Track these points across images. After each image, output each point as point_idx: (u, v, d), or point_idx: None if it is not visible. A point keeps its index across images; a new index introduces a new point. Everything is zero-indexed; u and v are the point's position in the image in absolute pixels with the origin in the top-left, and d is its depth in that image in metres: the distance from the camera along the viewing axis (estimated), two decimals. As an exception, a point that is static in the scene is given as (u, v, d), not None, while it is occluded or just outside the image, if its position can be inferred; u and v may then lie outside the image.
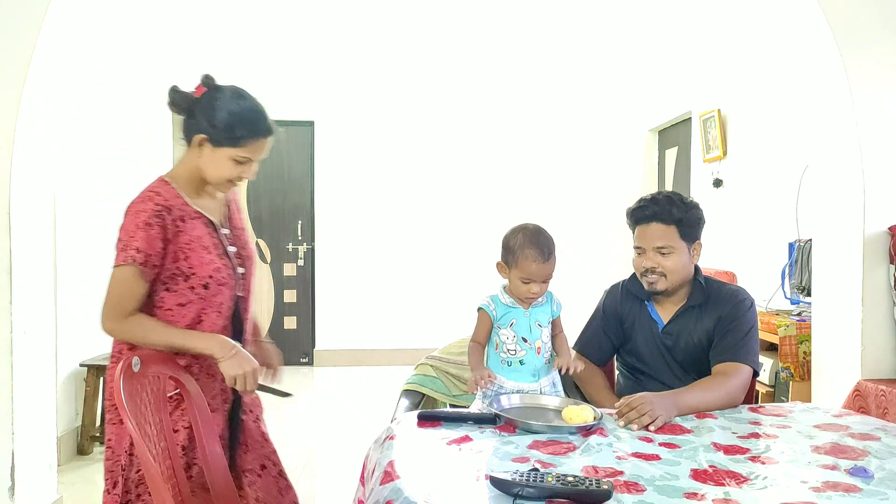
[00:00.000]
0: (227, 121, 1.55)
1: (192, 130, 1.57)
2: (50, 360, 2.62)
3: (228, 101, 1.57)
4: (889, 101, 2.50)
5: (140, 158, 4.27)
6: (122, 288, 1.53)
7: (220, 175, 1.59)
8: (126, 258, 1.51)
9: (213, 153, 1.56)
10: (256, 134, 1.59)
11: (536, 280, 1.74)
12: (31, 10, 2.28)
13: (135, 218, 1.51)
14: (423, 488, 1.17)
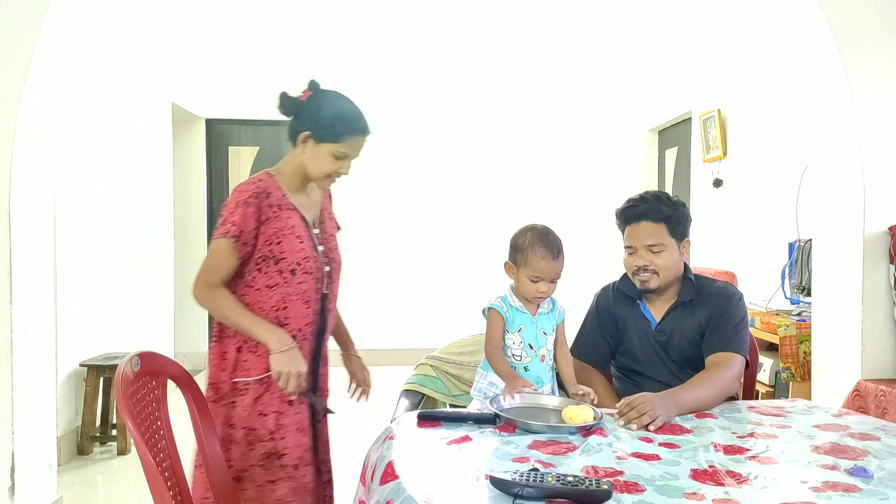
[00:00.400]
0: (329, 119, 1.69)
1: (298, 129, 1.71)
2: (50, 360, 2.62)
3: (331, 102, 1.72)
4: (889, 101, 2.50)
5: (140, 158, 4.28)
6: (215, 259, 1.66)
7: (321, 169, 1.70)
8: (223, 232, 1.63)
9: (315, 149, 1.69)
10: (354, 131, 1.71)
11: (545, 278, 1.74)
12: (31, 10, 2.28)
13: (237, 197, 1.65)
14: (424, 488, 1.17)
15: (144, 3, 4.36)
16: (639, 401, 1.56)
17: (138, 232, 4.22)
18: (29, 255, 2.44)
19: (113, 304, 3.85)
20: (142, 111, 4.33)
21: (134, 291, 4.14)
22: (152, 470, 1.30)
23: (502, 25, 5.77)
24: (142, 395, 1.46)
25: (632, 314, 1.97)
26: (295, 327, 1.68)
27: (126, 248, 4.04)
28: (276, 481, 1.66)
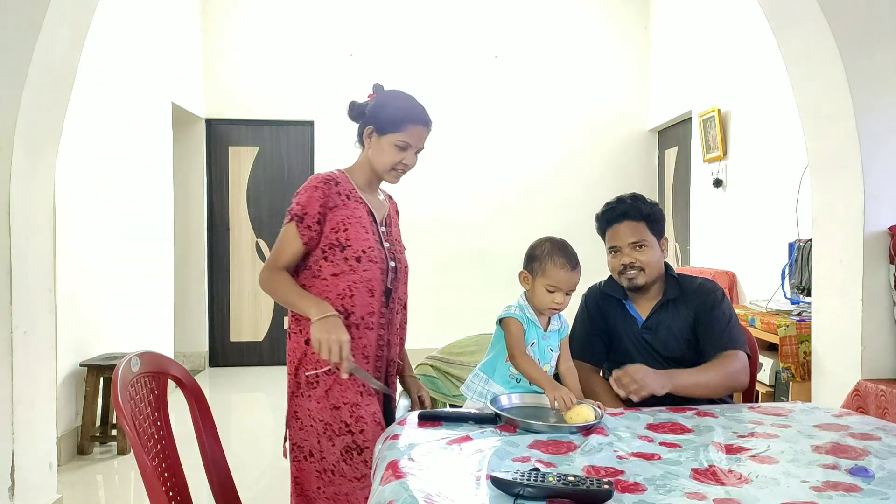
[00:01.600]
0: (390, 112, 1.77)
1: (363, 127, 1.82)
2: (50, 360, 2.62)
3: (392, 98, 1.81)
4: (889, 101, 2.50)
5: (140, 158, 4.28)
6: (282, 243, 1.72)
7: (385, 161, 1.78)
8: (289, 217, 1.71)
9: (378, 141, 1.77)
10: (414, 120, 1.77)
11: (562, 289, 1.73)
12: (31, 9, 2.28)
13: (308, 183, 1.73)
14: (424, 488, 1.17)
15: (145, 4, 4.35)
16: (633, 369, 1.68)
17: (138, 232, 4.22)
18: (29, 255, 2.44)
19: (113, 304, 3.85)
20: (142, 111, 4.33)
21: (134, 291, 4.14)
22: (148, 472, 1.30)
23: (502, 27, 5.77)
24: (141, 396, 1.46)
25: (619, 314, 2.01)
26: (359, 315, 1.72)
27: (126, 248, 4.04)
28: (362, 478, 1.67)
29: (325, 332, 1.58)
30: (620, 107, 5.84)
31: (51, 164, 2.62)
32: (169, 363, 1.59)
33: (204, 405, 1.61)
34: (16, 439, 2.35)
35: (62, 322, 3.21)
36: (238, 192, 5.74)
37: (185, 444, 1.63)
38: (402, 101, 1.81)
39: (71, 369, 3.40)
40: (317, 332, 1.59)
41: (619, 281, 1.99)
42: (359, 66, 5.68)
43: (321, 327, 1.59)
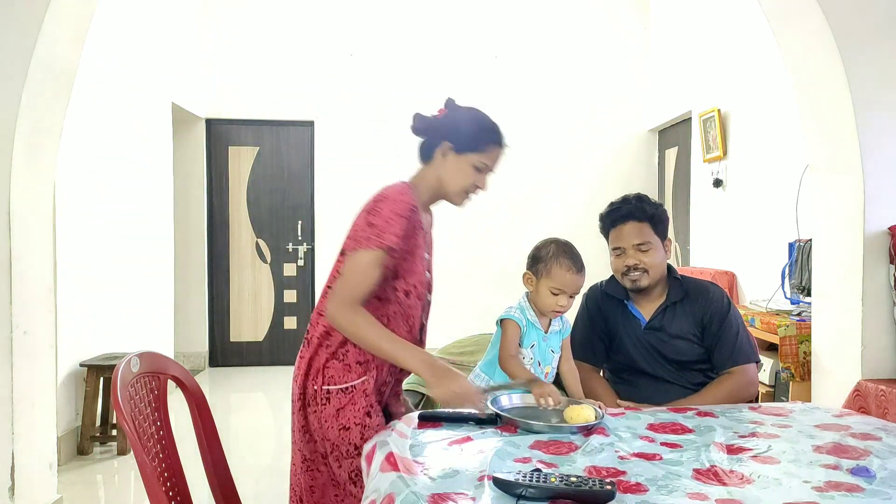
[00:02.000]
0: (471, 129, 1.65)
1: (435, 144, 1.66)
2: (50, 360, 2.62)
3: (469, 115, 1.69)
4: (889, 101, 2.50)
5: (140, 158, 4.28)
6: (362, 273, 1.51)
7: (461, 183, 1.67)
8: (377, 243, 1.50)
9: (457, 160, 1.65)
10: (497, 141, 1.67)
11: (566, 291, 1.73)
12: (31, 9, 2.27)
13: (394, 207, 1.53)
14: (425, 489, 1.16)
15: (145, 4, 4.35)
16: None
17: (138, 232, 4.21)
18: (29, 255, 2.44)
19: (113, 304, 3.85)
20: (142, 111, 4.32)
21: (134, 291, 4.13)
22: (148, 472, 1.30)
23: (502, 26, 5.77)
24: (141, 396, 1.45)
25: (621, 314, 2.00)
26: None
27: (126, 248, 4.03)
28: None
29: (449, 391, 1.45)
30: (620, 107, 5.84)
31: (51, 164, 2.61)
32: (169, 363, 1.58)
33: (204, 405, 1.61)
34: (16, 439, 2.35)
35: (62, 322, 3.21)
36: (238, 192, 5.73)
37: (186, 444, 1.63)
38: (484, 119, 1.70)
39: (71, 369, 3.39)
40: (440, 392, 1.45)
41: (622, 282, 1.97)
42: (359, 66, 5.68)
43: (440, 385, 1.45)
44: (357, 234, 1.52)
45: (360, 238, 1.51)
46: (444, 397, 1.44)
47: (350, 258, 1.51)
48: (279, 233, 5.78)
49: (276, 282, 5.76)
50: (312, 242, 5.76)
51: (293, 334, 5.76)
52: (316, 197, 5.71)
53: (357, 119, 5.70)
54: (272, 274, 5.76)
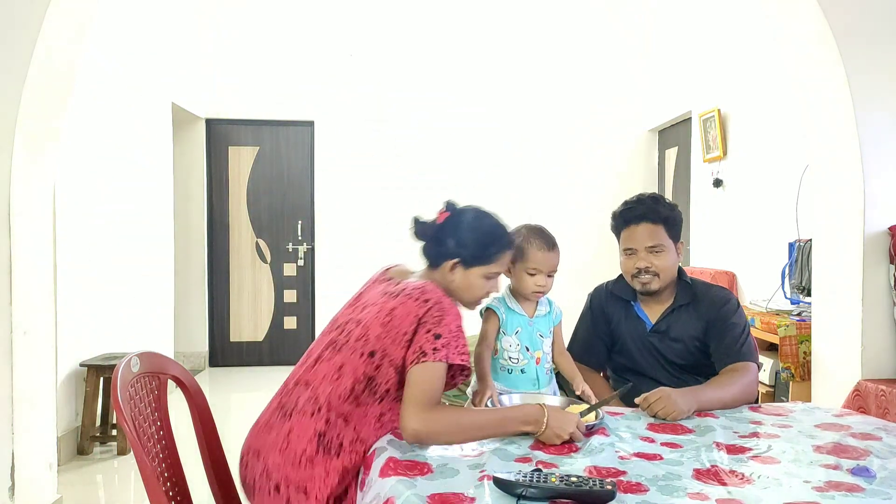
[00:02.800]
0: (477, 241, 1.57)
1: (441, 256, 1.59)
2: (50, 360, 2.62)
3: (473, 222, 1.60)
4: (889, 101, 2.50)
5: (140, 158, 4.28)
6: (435, 384, 1.42)
7: (475, 295, 1.61)
8: (444, 355, 1.42)
9: (465, 274, 1.58)
10: (504, 247, 1.61)
11: (542, 270, 1.74)
12: (32, 9, 2.27)
13: (457, 319, 1.48)
14: (425, 489, 1.16)
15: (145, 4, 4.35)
16: (658, 395, 1.61)
17: (138, 232, 4.21)
18: (29, 255, 2.44)
19: (113, 304, 3.85)
20: (142, 111, 4.32)
21: (134, 291, 4.13)
22: (148, 472, 1.30)
23: (502, 26, 5.77)
24: (141, 396, 1.45)
25: (625, 315, 1.97)
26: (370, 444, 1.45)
27: (126, 248, 4.03)
28: None
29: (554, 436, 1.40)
30: (620, 107, 5.84)
31: (51, 164, 2.61)
32: (168, 363, 1.58)
33: (204, 405, 1.61)
34: (16, 439, 2.35)
35: (62, 322, 3.21)
36: (238, 192, 5.73)
37: (186, 444, 1.63)
38: (490, 226, 1.61)
39: (71, 369, 3.39)
40: (553, 440, 1.40)
41: (632, 284, 1.94)
42: (359, 66, 5.68)
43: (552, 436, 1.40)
44: (423, 345, 1.42)
45: (426, 350, 1.41)
46: (557, 442, 1.40)
47: (431, 369, 1.40)
48: (279, 233, 5.78)
49: (276, 282, 5.76)
50: (312, 242, 5.75)
51: (293, 334, 5.76)
52: (316, 197, 5.71)
53: (357, 119, 5.70)
54: (272, 274, 5.76)
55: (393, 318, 1.46)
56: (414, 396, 1.39)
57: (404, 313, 1.45)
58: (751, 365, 1.85)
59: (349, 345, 1.49)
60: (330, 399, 1.44)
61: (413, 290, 1.50)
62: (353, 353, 1.47)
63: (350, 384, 1.45)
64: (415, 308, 1.45)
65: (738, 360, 1.84)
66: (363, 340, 1.47)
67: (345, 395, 1.44)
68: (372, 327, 1.48)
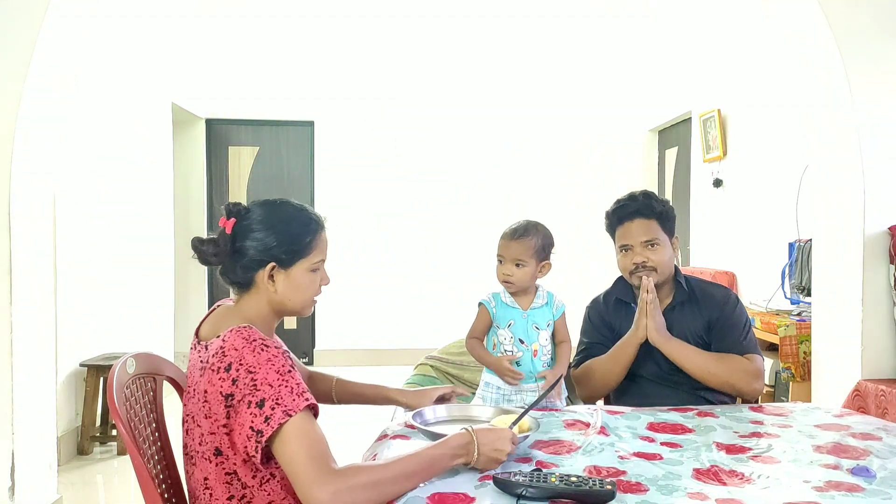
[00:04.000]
0: (285, 233, 1.33)
1: (250, 268, 1.33)
2: (50, 360, 2.62)
3: (272, 216, 1.35)
4: (889, 101, 2.50)
5: (140, 158, 4.27)
6: (314, 439, 1.17)
7: (307, 295, 1.37)
8: (289, 408, 1.17)
9: (287, 277, 1.33)
10: (317, 230, 1.37)
11: (505, 258, 1.77)
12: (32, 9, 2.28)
13: (272, 366, 1.20)
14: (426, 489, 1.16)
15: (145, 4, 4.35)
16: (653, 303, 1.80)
17: (138, 232, 4.21)
18: (29, 255, 2.44)
19: (113, 304, 3.85)
20: (142, 111, 4.32)
21: (134, 291, 4.13)
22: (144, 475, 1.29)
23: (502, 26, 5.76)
24: (137, 398, 1.45)
25: (626, 318, 1.94)
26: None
27: (126, 248, 4.03)
28: None
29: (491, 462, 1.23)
30: (620, 107, 5.84)
31: (51, 163, 2.61)
32: (164, 364, 1.57)
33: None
34: (16, 439, 2.35)
35: (62, 322, 3.21)
36: (238, 193, 5.73)
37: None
38: (287, 212, 1.37)
39: (71, 369, 3.39)
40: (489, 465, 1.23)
41: (631, 280, 1.93)
42: (359, 66, 5.68)
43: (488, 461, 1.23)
44: (253, 423, 1.16)
45: (259, 427, 1.16)
46: (487, 465, 1.24)
47: (277, 447, 1.16)
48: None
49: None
50: (312, 242, 5.75)
51: (293, 334, 5.75)
52: (316, 197, 5.71)
53: (357, 119, 5.70)
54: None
55: (209, 404, 1.22)
56: (302, 473, 1.12)
57: (213, 394, 1.21)
58: (753, 356, 1.85)
59: (199, 452, 1.26)
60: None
61: (214, 357, 1.23)
62: (206, 460, 1.25)
63: (224, 496, 1.24)
64: (218, 384, 1.20)
65: (743, 352, 1.86)
66: (204, 441, 1.25)
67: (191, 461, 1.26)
68: (202, 423, 1.24)
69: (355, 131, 5.72)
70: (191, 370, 1.33)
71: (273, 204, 1.37)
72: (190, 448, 1.30)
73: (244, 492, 1.25)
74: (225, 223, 1.34)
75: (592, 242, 5.54)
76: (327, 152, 5.72)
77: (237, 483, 1.24)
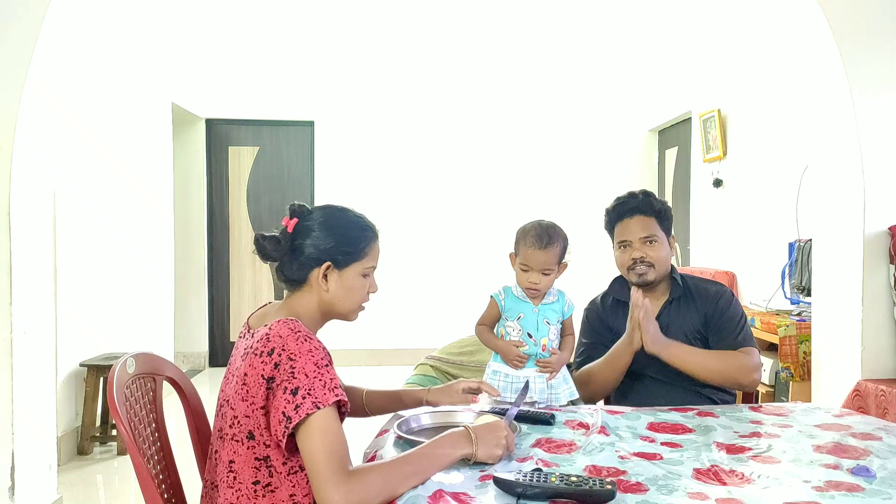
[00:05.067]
0: (343, 236, 1.39)
1: (307, 266, 1.37)
2: (50, 360, 2.62)
3: (332, 219, 1.41)
4: (889, 101, 2.50)
5: (140, 158, 4.28)
6: (334, 438, 1.20)
7: (357, 299, 1.43)
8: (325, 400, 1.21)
9: (341, 277, 1.38)
10: (372, 237, 1.43)
11: (534, 268, 1.75)
12: (32, 9, 2.28)
13: (312, 357, 1.24)
14: (426, 488, 1.17)
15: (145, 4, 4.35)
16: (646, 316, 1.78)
17: (138, 232, 4.21)
18: (29, 255, 2.44)
19: (113, 304, 3.85)
20: (142, 111, 4.32)
21: (134, 291, 4.13)
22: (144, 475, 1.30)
23: (502, 26, 5.77)
24: (137, 398, 1.45)
25: (624, 318, 1.93)
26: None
27: (126, 248, 4.03)
28: None
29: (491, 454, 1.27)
30: (620, 107, 5.84)
31: (51, 164, 2.61)
32: (164, 364, 1.57)
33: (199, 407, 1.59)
34: (16, 439, 2.35)
35: (62, 322, 3.21)
36: (238, 192, 5.73)
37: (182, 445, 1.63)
38: (349, 218, 1.43)
39: (71, 369, 3.39)
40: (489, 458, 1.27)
41: (628, 277, 1.94)
42: (359, 66, 5.68)
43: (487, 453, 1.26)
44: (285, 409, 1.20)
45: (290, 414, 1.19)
46: (487, 457, 1.27)
47: (301, 438, 1.19)
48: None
49: (276, 282, 5.76)
50: (312, 242, 5.75)
51: (293, 334, 5.76)
52: (316, 197, 5.71)
53: (357, 119, 5.71)
54: (272, 274, 5.76)
55: (248, 387, 1.25)
56: (319, 469, 1.16)
57: (254, 377, 1.24)
58: (750, 349, 1.87)
59: (230, 434, 1.28)
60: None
61: (258, 342, 1.26)
62: (237, 442, 1.27)
63: (250, 480, 1.26)
64: (260, 367, 1.23)
65: (740, 346, 1.88)
66: (237, 423, 1.27)
67: (250, 494, 1.26)
68: (237, 405, 1.27)
69: (355, 131, 5.72)
70: (234, 356, 1.38)
71: (334, 208, 1.45)
72: (222, 430, 1.32)
73: (270, 480, 1.26)
74: (287, 222, 1.40)
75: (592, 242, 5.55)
76: (327, 152, 5.72)
77: (265, 469, 1.26)
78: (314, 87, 5.66)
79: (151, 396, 1.51)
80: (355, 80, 5.68)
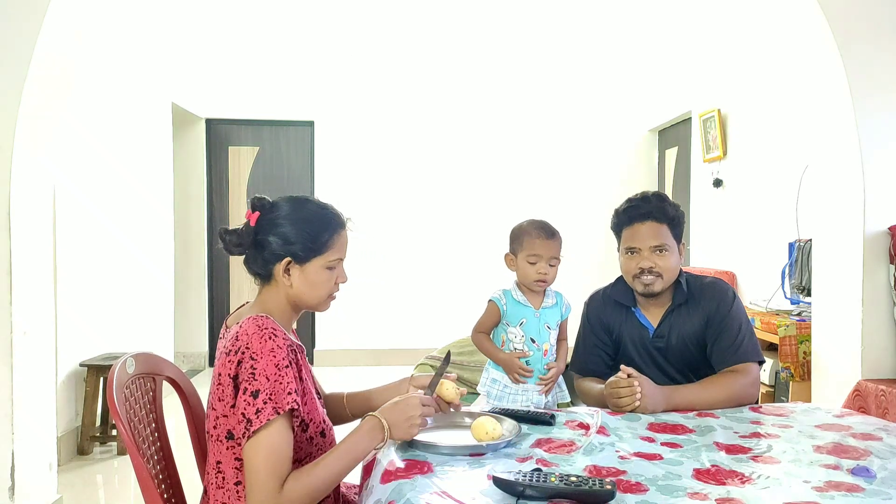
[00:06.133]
0: (305, 230, 1.37)
1: (269, 261, 1.37)
2: (50, 360, 2.62)
3: (294, 212, 1.39)
4: (889, 101, 2.50)
5: (140, 158, 4.28)
6: (279, 450, 1.23)
7: (322, 293, 1.39)
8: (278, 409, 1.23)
9: (303, 273, 1.36)
10: (337, 228, 1.40)
11: (543, 257, 1.75)
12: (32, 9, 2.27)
13: (273, 359, 1.25)
14: (426, 489, 1.16)
15: (145, 4, 4.35)
16: (628, 383, 1.62)
17: (138, 232, 4.21)
18: (29, 255, 2.44)
19: (113, 304, 3.85)
20: (142, 111, 4.32)
21: (134, 291, 4.13)
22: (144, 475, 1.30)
23: (502, 26, 5.77)
24: (136, 398, 1.45)
25: (626, 321, 1.89)
26: None
27: (126, 248, 4.03)
28: None
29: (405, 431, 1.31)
30: (620, 107, 5.84)
31: (51, 163, 2.61)
32: (163, 364, 1.57)
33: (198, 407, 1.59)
34: (16, 439, 2.35)
35: (62, 322, 3.21)
36: (238, 192, 5.73)
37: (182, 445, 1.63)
38: (312, 210, 1.40)
39: (71, 369, 3.39)
40: (401, 436, 1.31)
41: (633, 285, 1.85)
42: (359, 66, 5.68)
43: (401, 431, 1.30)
44: (245, 411, 1.21)
45: (250, 416, 1.21)
46: (410, 435, 1.31)
47: (252, 445, 1.21)
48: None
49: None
50: (312, 242, 5.75)
51: (293, 334, 5.76)
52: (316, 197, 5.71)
53: (357, 119, 5.71)
54: (272, 274, 5.76)
55: (222, 387, 1.27)
56: (256, 481, 1.18)
57: (224, 377, 1.26)
58: (750, 366, 1.77)
59: (213, 435, 1.31)
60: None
61: (229, 342, 1.28)
62: (219, 443, 1.29)
63: (233, 481, 1.29)
64: (228, 366, 1.25)
65: (735, 362, 1.77)
66: (218, 424, 1.29)
67: (234, 494, 1.28)
68: (217, 405, 1.28)
69: (355, 131, 5.72)
70: (216, 356, 1.38)
71: (297, 201, 1.42)
72: (209, 431, 1.34)
73: None
74: (250, 216, 1.39)
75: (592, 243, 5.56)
76: (327, 152, 5.72)
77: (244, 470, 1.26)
78: (314, 87, 5.66)
79: (151, 396, 1.51)
80: (355, 80, 5.68)
